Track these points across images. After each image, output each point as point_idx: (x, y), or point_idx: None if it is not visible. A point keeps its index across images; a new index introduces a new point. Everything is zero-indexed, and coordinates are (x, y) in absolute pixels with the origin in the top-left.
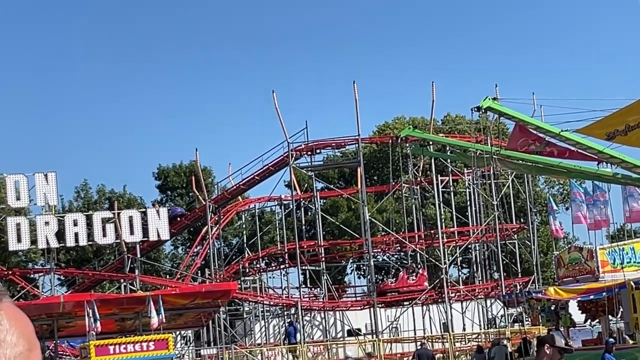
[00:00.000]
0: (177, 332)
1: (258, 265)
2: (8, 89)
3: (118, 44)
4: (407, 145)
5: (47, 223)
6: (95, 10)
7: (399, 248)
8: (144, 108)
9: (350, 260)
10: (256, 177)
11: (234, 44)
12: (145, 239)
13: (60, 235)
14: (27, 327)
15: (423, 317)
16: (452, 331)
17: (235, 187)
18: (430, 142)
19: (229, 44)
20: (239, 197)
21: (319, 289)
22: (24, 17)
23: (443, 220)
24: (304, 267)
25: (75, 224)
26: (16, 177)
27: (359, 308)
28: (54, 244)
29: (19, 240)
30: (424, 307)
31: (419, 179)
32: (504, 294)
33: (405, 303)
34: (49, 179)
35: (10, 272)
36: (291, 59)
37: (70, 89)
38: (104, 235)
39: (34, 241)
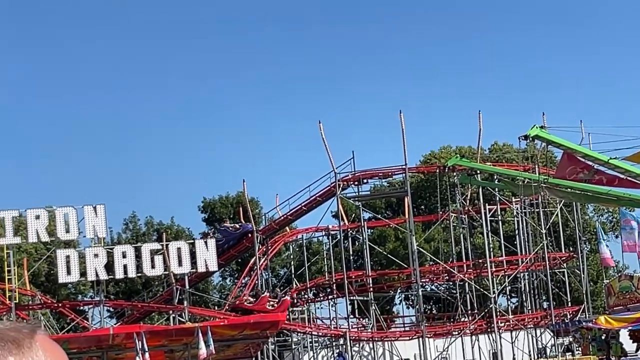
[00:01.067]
0: None
1: (306, 296)
2: (57, 122)
3: (164, 77)
4: (455, 174)
5: (96, 255)
6: (134, 46)
7: (447, 278)
8: (190, 140)
9: (399, 290)
10: (303, 208)
11: (280, 74)
12: (194, 270)
13: (109, 267)
14: (62, 358)
15: (472, 347)
16: None
17: (282, 217)
18: (478, 171)
19: (275, 74)
20: (287, 228)
21: (367, 319)
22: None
23: (491, 249)
24: (352, 298)
25: (124, 256)
26: (65, 209)
27: (408, 338)
28: (103, 276)
29: (68, 272)
30: (473, 337)
31: (466, 208)
32: (554, 323)
33: (454, 332)
34: (98, 211)
35: (60, 305)
36: (337, 88)
37: (116, 122)
38: (153, 266)
39: (83, 273)
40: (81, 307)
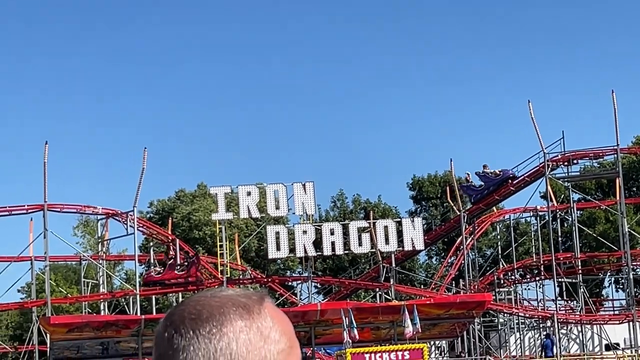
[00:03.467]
0: (432, 342)
1: (513, 277)
2: (266, 103)
3: (378, 51)
4: None
5: (305, 232)
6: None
7: None
8: (399, 119)
9: (608, 273)
10: (511, 188)
11: (490, 53)
12: (400, 248)
13: (317, 244)
14: (288, 325)
15: None
16: None
17: (490, 197)
18: None
19: (485, 52)
20: (494, 208)
21: (575, 301)
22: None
23: None
24: (560, 279)
25: (332, 233)
26: (276, 186)
27: (617, 322)
28: (312, 252)
29: (278, 248)
30: None
31: None
32: None
33: None
34: (307, 188)
35: (269, 280)
36: (548, 67)
37: (325, 102)
38: (360, 244)
39: (292, 249)
40: (290, 283)
